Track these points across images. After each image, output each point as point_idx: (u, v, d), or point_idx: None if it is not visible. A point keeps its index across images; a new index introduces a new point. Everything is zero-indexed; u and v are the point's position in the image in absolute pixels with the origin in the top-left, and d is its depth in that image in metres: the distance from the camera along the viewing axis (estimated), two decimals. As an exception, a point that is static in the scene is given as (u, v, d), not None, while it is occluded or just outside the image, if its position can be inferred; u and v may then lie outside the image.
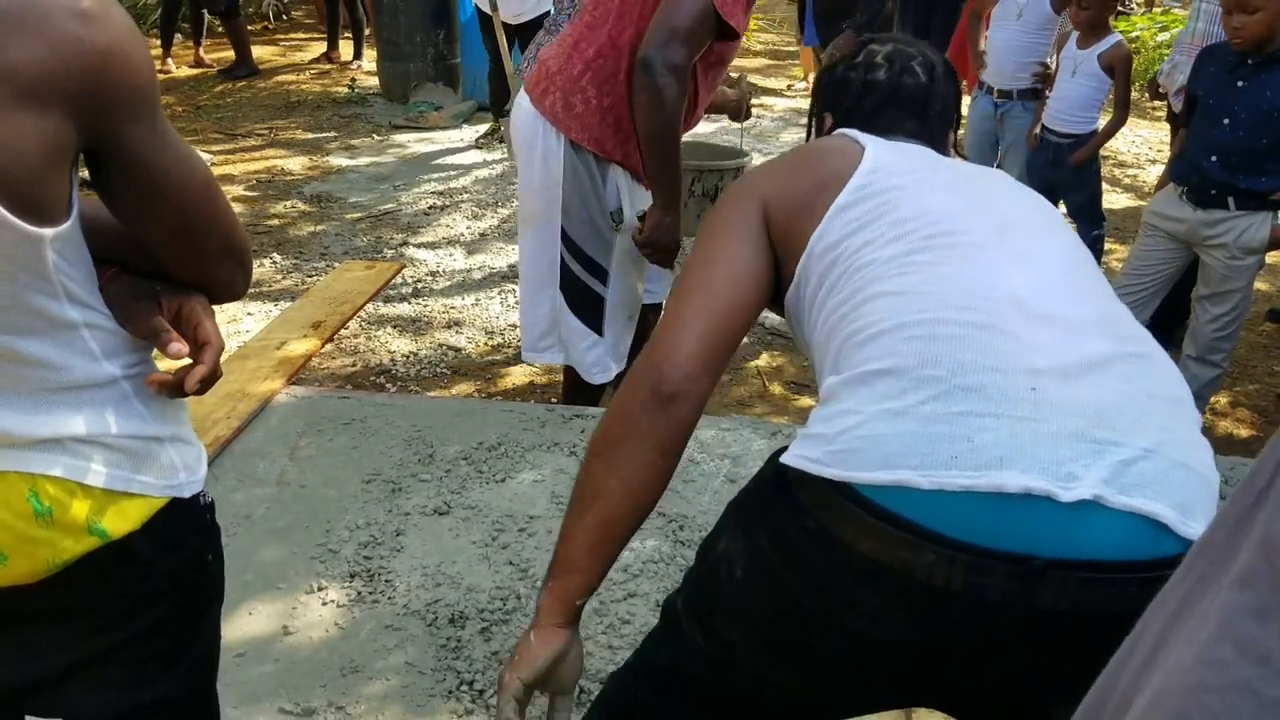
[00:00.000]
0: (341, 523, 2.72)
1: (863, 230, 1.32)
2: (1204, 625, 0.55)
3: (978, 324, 1.17)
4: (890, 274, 1.26)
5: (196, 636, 1.25)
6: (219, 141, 7.02)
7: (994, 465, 1.07)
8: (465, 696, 2.18)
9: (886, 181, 1.37)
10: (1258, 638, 0.52)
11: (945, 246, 1.27)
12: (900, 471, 1.09)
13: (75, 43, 0.94)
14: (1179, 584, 0.61)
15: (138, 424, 1.12)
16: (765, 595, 1.21)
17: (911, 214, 1.32)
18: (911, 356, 1.16)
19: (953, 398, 1.12)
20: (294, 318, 4.09)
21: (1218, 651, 0.53)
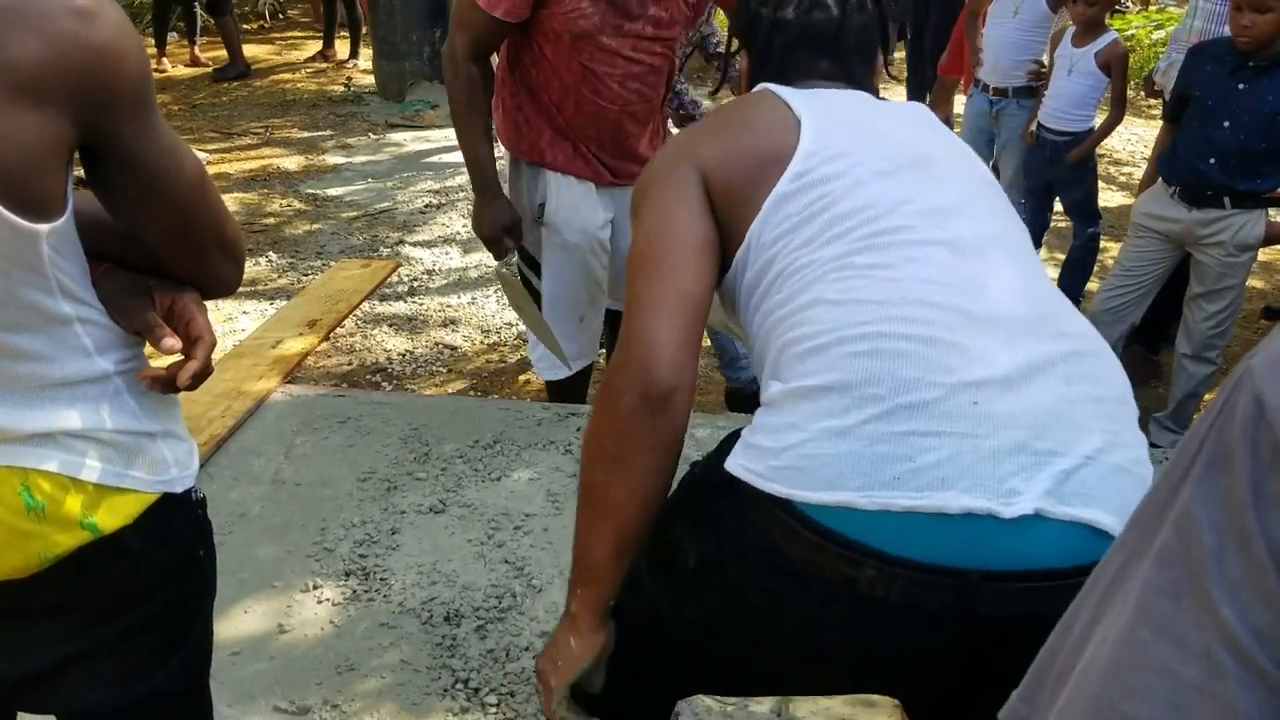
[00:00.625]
0: (337, 521, 2.71)
1: (801, 228, 1.30)
2: (1127, 603, 0.56)
3: (921, 337, 1.17)
4: (830, 278, 1.25)
5: (189, 631, 1.25)
6: (215, 140, 7.02)
7: (935, 486, 1.09)
8: (460, 694, 2.18)
9: (825, 169, 1.33)
10: (1173, 618, 0.53)
11: (885, 246, 1.26)
12: (842, 493, 1.11)
13: (72, 40, 0.95)
14: (1112, 558, 0.62)
15: (130, 419, 1.12)
16: (714, 590, 1.25)
17: (850, 209, 1.29)
18: (853, 373, 1.15)
19: (895, 417, 1.12)
20: (290, 316, 4.08)
21: (1137, 631, 0.54)
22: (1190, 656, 0.52)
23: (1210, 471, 0.55)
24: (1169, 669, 0.53)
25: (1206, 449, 0.56)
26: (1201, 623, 0.52)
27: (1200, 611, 0.52)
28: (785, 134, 1.37)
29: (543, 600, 2.44)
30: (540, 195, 2.88)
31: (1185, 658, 0.52)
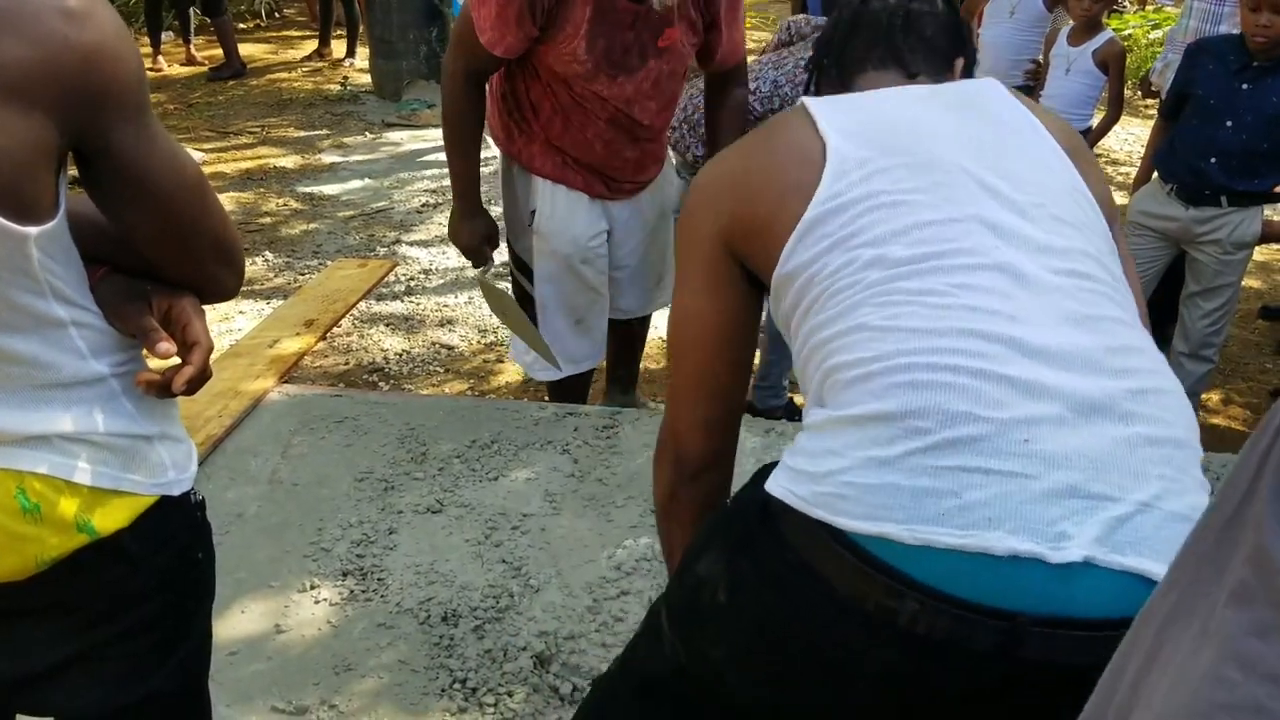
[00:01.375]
0: (334, 521, 2.71)
1: (838, 249, 1.23)
2: (1206, 644, 0.55)
3: (970, 369, 1.11)
4: (876, 302, 1.18)
5: (188, 633, 1.25)
6: (211, 139, 7.01)
7: (981, 525, 1.04)
8: (458, 694, 2.18)
9: (860, 189, 1.25)
10: (1263, 656, 0.52)
11: (933, 271, 1.19)
12: (885, 525, 1.06)
13: (61, 42, 0.94)
14: (1164, 596, 0.60)
15: (126, 422, 1.11)
16: (749, 622, 1.19)
17: (893, 230, 1.22)
18: (899, 404, 1.10)
19: (941, 451, 1.07)
20: (286, 316, 4.07)
21: (1224, 671, 0.53)
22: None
23: (1277, 502, 0.54)
24: (1264, 706, 0.52)
25: (1270, 479, 0.54)
26: None
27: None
28: (811, 158, 1.30)
29: (540, 600, 2.44)
30: (531, 202, 2.88)
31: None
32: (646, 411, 3.32)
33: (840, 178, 1.27)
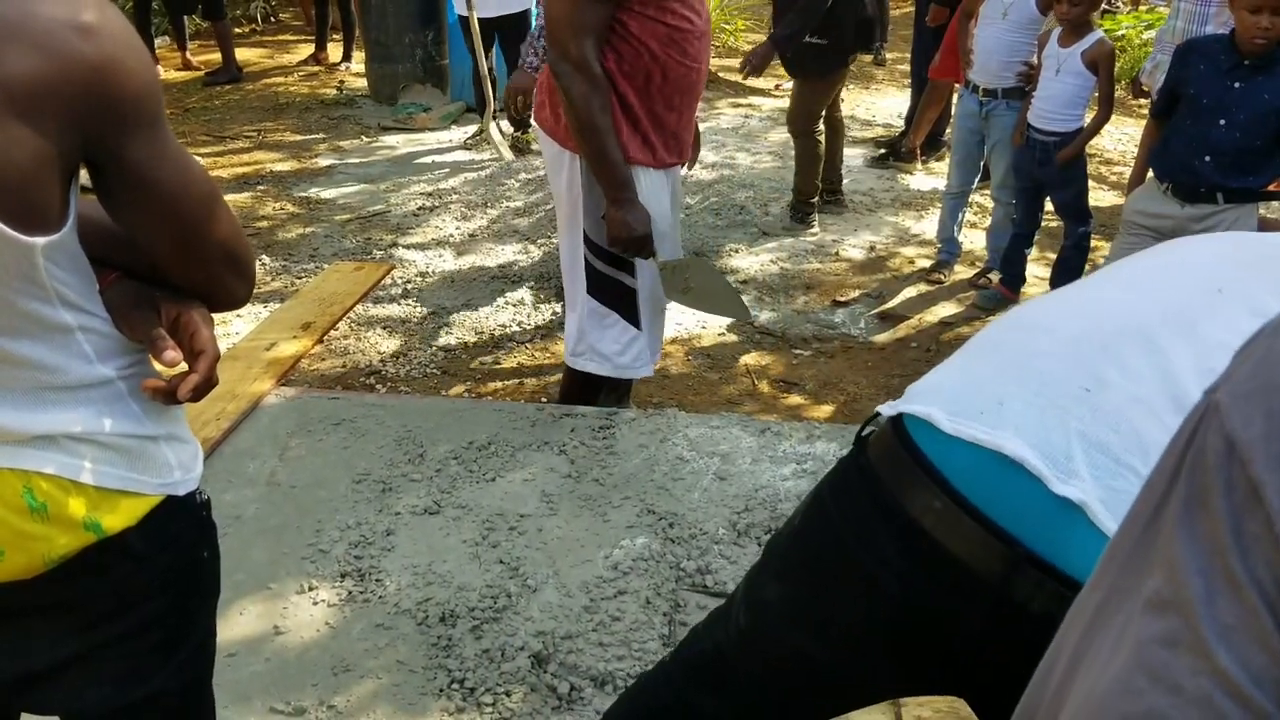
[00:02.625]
0: (332, 523, 2.72)
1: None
2: (1119, 649, 0.56)
3: (1073, 336, 1.21)
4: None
5: (192, 632, 1.26)
6: (207, 144, 7.01)
7: (1006, 428, 1.13)
8: (456, 694, 2.19)
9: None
10: (1168, 665, 0.53)
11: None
12: (933, 407, 1.18)
13: (74, 56, 0.95)
14: (1091, 593, 0.61)
15: (133, 424, 1.13)
16: (810, 534, 1.33)
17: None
18: (1002, 352, 1.25)
19: (1014, 372, 1.19)
20: (283, 319, 4.09)
21: (1133, 679, 0.54)
22: (1189, 704, 0.52)
23: (1189, 513, 0.54)
24: (1168, 716, 0.52)
25: (1182, 489, 0.55)
26: (1197, 669, 0.51)
27: (1195, 658, 0.52)
28: None
29: (537, 600, 2.45)
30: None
31: (1183, 705, 0.52)
32: (643, 413, 3.33)
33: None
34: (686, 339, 4.39)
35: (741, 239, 5.36)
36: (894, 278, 5.04)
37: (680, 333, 4.44)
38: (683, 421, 3.24)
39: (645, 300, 3.00)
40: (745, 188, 6.09)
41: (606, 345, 3.01)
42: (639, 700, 1.60)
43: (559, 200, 2.96)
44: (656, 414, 3.31)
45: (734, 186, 6.09)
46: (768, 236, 5.46)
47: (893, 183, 6.28)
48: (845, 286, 4.92)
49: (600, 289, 2.96)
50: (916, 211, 5.85)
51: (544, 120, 2.89)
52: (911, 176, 6.37)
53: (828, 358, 4.29)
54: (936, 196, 5.62)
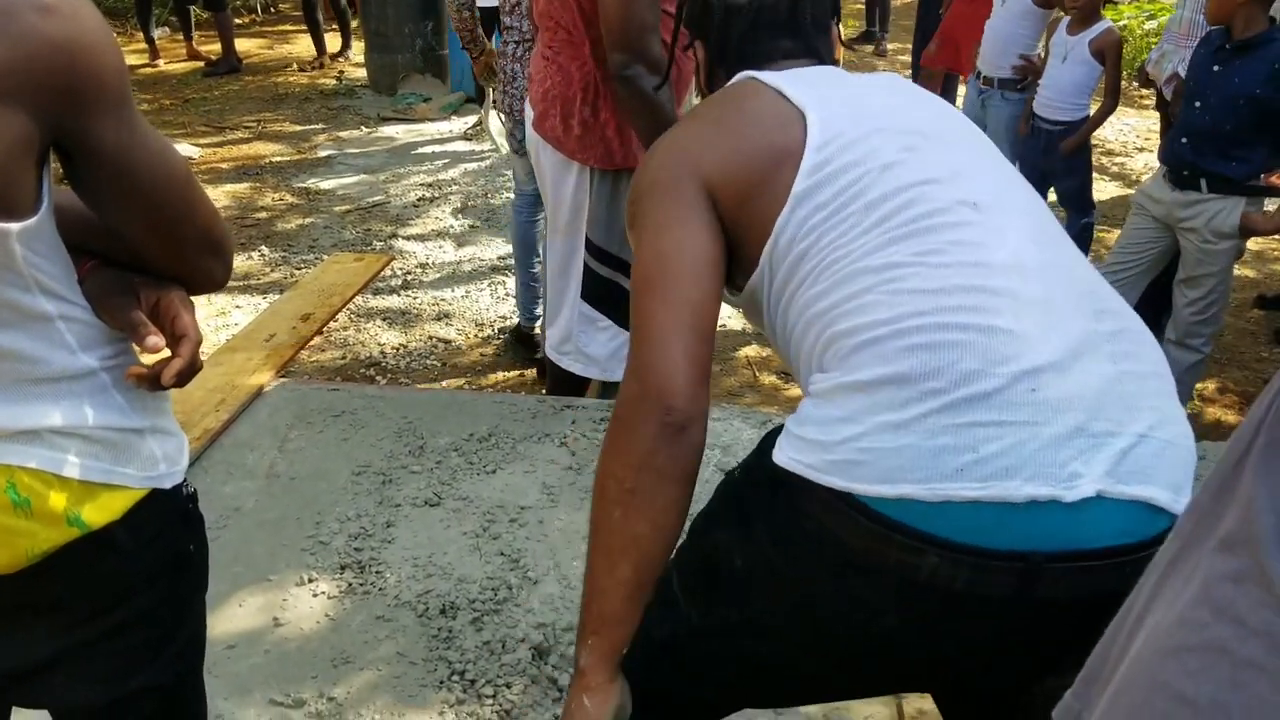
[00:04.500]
0: (332, 514, 2.71)
1: (834, 219, 1.26)
2: (1187, 587, 0.56)
3: (978, 326, 1.14)
4: (875, 267, 1.21)
5: (181, 625, 1.25)
6: (207, 135, 7.00)
7: (1000, 476, 1.08)
8: (456, 686, 2.18)
9: (843, 157, 1.28)
10: (1233, 600, 0.53)
11: (926, 231, 1.22)
12: (904, 486, 1.09)
13: (38, 38, 0.93)
14: (1168, 547, 0.62)
15: (117, 416, 1.11)
16: (766, 588, 1.22)
17: (882, 194, 1.25)
18: (913, 367, 1.13)
19: (957, 409, 1.10)
20: (283, 310, 4.07)
21: (1197, 613, 0.55)
22: (1250, 634, 0.52)
23: (1268, 454, 0.55)
24: (1228, 648, 0.53)
25: (1264, 433, 0.56)
26: (1263, 601, 0.52)
27: (1262, 591, 0.52)
28: (789, 126, 1.32)
29: (538, 592, 2.44)
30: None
31: (1245, 636, 0.53)
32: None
33: (824, 147, 1.29)
34: (687, 330, 4.37)
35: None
36: (896, 268, 5.03)
37: (681, 324, 4.42)
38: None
39: None
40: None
41: (595, 349, 3.00)
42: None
43: (557, 206, 2.91)
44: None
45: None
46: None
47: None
48: (847, 277, 4.90)
49: (595, 293, 2.95)
50: (918, 202, 5.83)
51: (549, 130, 2.81)
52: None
53: (829, 349, 4.27)
54: (938, 187, 5.61)
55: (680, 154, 1.35)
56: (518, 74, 3.56)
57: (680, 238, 1.27)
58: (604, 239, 2.86)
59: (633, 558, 1.19)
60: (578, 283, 2.94)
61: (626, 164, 2.78)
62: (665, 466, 1.18)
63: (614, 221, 2.85)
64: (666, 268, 1.26)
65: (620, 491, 1.19)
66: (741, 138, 1.34)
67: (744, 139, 1.34)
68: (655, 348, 1.21)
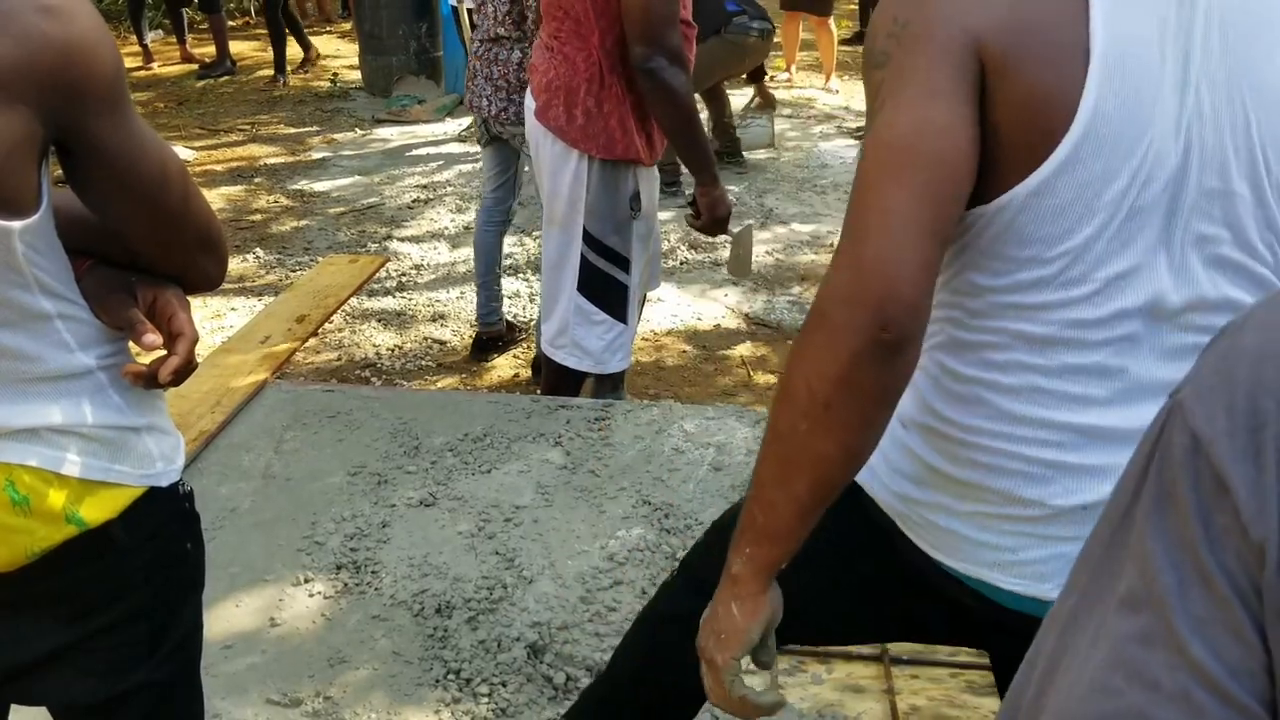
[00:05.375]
0: (327, 515, 2.72)
1: (1062, 240, 1.05)
2: (1094, 650, 0.56)
3: (1052, 463, 1.14)
4: (1065, 336, 1.09)
5: (178, 622, 1.26)
6: (201, 137, 7.00)
7: (1034, 578, 1.17)
8: (452, 685, 2.19)
9: (1123, 112, 1.01)
10: (1145, 663, 0.53)
11: (1087, 347, 1.09)
12: (945, 558, 1.22)
13: (39, 37, 0.95)
14: (1065, 598, 0.61)
15: (114, 414, 1.12)
16: (822, 561, 1.30)
17: (1148, 202, 1.04)
18: (977, 478, 1.18)
19: (1007, 519, 1.17)
20: (278, 312, 4.08)
21: (1109, 679, 0.54)
22: (1168, 700, 0.52)
23: (1159, 510, 0.55)
24: (1148, 714, 0.52)
25: (1150, 487, 0.56)
26: (1174, 664, 0.52)
27: (1170, 653, 0.52)
28: (1077, 22, 1.02)
29: (533, 591, 2.45)
30: (631, 185, 2.88)
31: (1163, 701, 0.52)
32: (638, 405, 3.33)
33: (1106, 82, 1.01)
34: (683, 331, 4.40)
35: (746, 220, 5.36)
36: (889, 268, 5.04)
37: (676, 325, 4.44)
38: (678, 413, 3.24)
39: (634, 296, 3.01)
40: (739, 178, 6.09)
41: (591, 342, 3.01)
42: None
43: (554, 197, 2.92)
44: (652, 405, 3.31)
45: (728, 178, 6.09)
46: (764, 228, 5.46)
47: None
48: (840, 277, 4.91)
49: (592, 285, 2.96)
50: (911, 202, 5.85)
51: (551, 119, 2.83)
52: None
53: (823, 348, 4.29)
54: (931, 187, 5.63)
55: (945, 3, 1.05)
56: (478, 71, 3.67)
57: (936, 107, 1.02)
58: (601, 231, 2.88)
59: (812, 477, 1.06)
60: (574, 275, 2.95)
61: (626, 155, 2.81)
62: (871, 388, 1.01)
63: (612, 213, 2.87)
64: (925, 148, 1.01)
65: (811, 403, 1.02)
66: (1036, 15, 1.04)
67: (1039, 19, 1.04)
68: (889, 241, 0.99)
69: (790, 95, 8.03)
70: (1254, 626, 0.50)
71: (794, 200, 5.86)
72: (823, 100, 7.90)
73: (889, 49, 1.05)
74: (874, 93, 1.06)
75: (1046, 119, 1.01)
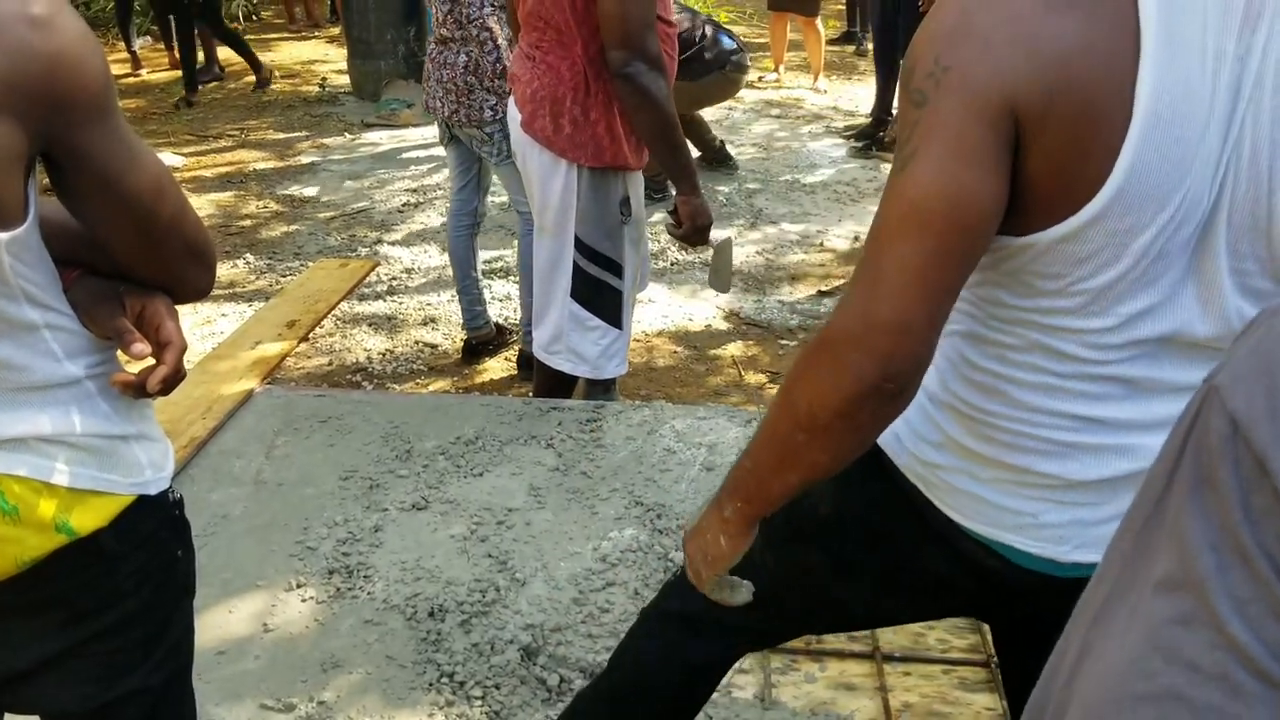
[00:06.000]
0: (319, 520, 2.72)
1: (1086, 280, 1.07)
2: (1130, 632, 0.56)
3: (1075, 445, 1.18)
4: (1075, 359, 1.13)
5: (169, 629, 1.26)
6: (191, 143, 6.99)
7: (1052, 541, 1.22)
8: (446, 688, 2.19)
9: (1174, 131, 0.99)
10: (1184, 644, 0.53)
11: (1121, 362, 1.11)
12: (968, 521, 1.26)
13: (25, 49, 0.95)
14: (1095, 590, 0.62)
15: (103, 423, 1.13)
16: (850, 532, 1.39)
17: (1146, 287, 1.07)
18: (995, 453, 1.23)
19: (1028, 485, 1.22)
20: (268, 317, 4.08)
21: (1146, 659, 0.55)
22: (1207, 680, 0.52)
23: (1197, 493, 0.55)
24: (1186, 695, 0.52)
25: (1185, 471, 0.56)
26: (1214, 643, 0.52)
27: (1211, 633, 0.52)
28: (1123, 38, 0.98)
29: (526, 593, 2.46)
30: (621, 190, 2.89)
31: (1202, 681, 0.52)
32: (630, 406, 3.34)
33: (1148, 136, 0.99)
34: (673, 331, 4.40)
35: (726, 230, 5.36)
36: (879, 267, 5.05)
37: (667, 325, 4.44)
38: (670, 413, 3.24)
39: (628, 300, 3.02)
40: (728, 179, 6.10)
41: (586, 348, 3.01)
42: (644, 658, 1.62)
43: (544, 207, 2.92)
44: (643, 406, 3.32)
45: (716, 178, 6.10)
46: (753, 228, 5.47)
47: (875, 172, 6.29)
48: (830, 276, 4.92)
49: (585, 292, 2.96)
50: (901, 200, 5.86)
51: (538, 130, 2.82)
52: (895, 166, 6.38)
53: (814, 347, 4.29)
54: (920, 185, 5.64)
55: (991, 45, 1.02)
56: (430, 73, 3.70)
57: (973, 179, 1.02)
58: (594, 238, 2.89)
59: (803, 474, 1.16)
60: (566, 282, 2.95)
61: (615, 162, 2.81)
62: (868, 422, 1.09)
63: (603, 219, 2.87)
64: (949, 214, 1.02)
65: (811, 422, 1.09)
66: (1071, 41, 1.00)
67: (1075, 39, 1.00)
68: (902, 301, 1.03)
69: (779, 95, 8.04)
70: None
71: (783, 200, 5.86)
72: (811, 100, 7.91)
73: (927, 91, 1.04)
74: (907, 132, 1.06)
75: (1083, 170, 1.01)
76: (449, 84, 3.61)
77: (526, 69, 2.83)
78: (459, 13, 3.54)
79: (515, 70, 2.92)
